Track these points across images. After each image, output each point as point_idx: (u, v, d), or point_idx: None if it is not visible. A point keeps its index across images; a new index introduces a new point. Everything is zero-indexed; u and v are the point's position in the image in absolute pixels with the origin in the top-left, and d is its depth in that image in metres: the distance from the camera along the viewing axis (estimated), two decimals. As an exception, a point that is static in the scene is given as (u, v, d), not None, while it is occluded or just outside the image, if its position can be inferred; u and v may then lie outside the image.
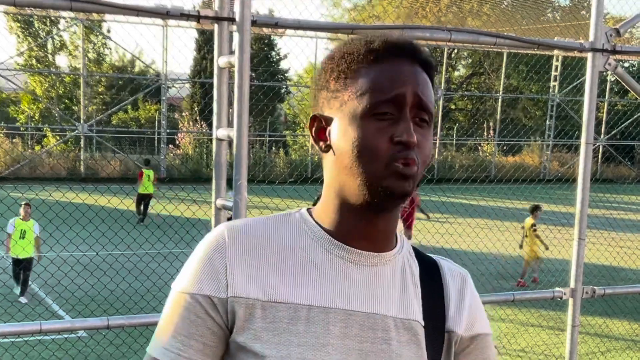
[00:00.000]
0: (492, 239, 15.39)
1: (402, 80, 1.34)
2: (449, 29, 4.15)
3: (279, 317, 1.33)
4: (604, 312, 10.50)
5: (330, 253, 1.39)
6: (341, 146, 1.36)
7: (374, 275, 1.40)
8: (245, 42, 3.44)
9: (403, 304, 1.42)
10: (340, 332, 1.35)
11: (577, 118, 31.96)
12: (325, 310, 1.35)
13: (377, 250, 1.41)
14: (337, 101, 1.37)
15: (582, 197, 4.59)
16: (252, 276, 1.35)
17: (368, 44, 1.37)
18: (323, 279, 1.37)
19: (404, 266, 1.46)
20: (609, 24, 4.38)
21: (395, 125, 1.32)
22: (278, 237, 1.40)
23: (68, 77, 34.69)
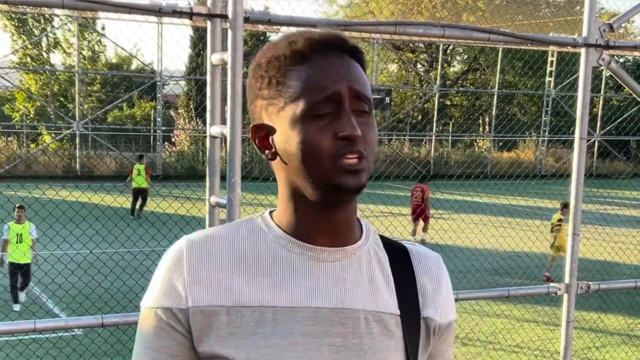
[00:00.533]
0: (487, 234, 15.41)
1: (334, 76, 1.33)
2: (442, 25, 4.15)
3: (245, 322, 1.33)
4: (599, 307, 10.52)
5: (292, 252, 1.38)
6: (287, 151, 1.35)
7: (339, 270, 1.39)
8: (238, 39, 3.44)
9: (372, 296, 1.40)
10: (308, 330, 1.34)
11: (572, 113, 31.93)
12: (291, 310, 1.35)
13: (339, 245, 1.40)
14: (274, 108, 1.36)
15: (576, 192, 4.59)
16: (214, 284, 1.35)
17: (292, 45, 1.36)
18: (287, 279, 1.36)
19: (371, 257, 1.44)
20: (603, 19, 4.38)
21: (337, 122, 1.32)
22: (239, 242, 1.40)
23: (63, 75, 34.62)
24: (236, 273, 1.36)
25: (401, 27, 4.07)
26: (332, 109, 1.32)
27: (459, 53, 44.63)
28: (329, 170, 1.32)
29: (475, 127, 36.73)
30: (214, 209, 3.77)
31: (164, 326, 1.36)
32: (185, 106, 33.36)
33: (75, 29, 29.50)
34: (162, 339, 1.37)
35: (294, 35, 1.38)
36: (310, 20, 4.39)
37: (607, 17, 22.19)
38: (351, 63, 1.36)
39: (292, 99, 1.33)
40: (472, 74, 43.84)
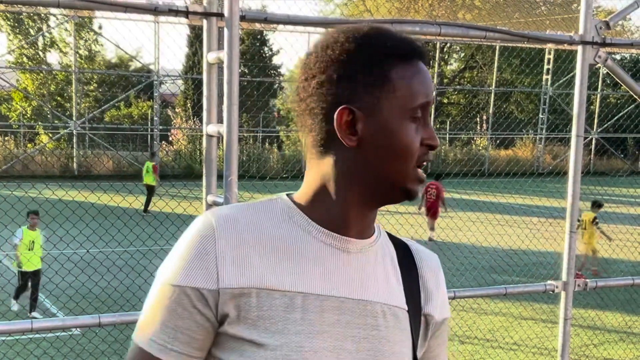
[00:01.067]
0: (485, 232, 15.42)
1: (429, 86, 1.40)
2: (438, 23, 4.15)
3: (275, 306, 1.33)
4: (597, 304, 10.53)
5: (320, 241, 1.39)
6: (376, 142, 1.37)
7: (362, 262, 1.42)
8: (234, 37, 3.43)
9: (388, 290, 1.45)
10: (334, 320, 1.37)
11: (569, 111, 31.97)
12: (319, 297, 1.36)
13: (362, 237, 1.44)
14: (371, 97, 1.37)
15: (573, 190, 4.59)
16: (245, 265, 1.34)
17: (397, 41, 1.39)
18: (315, 266, 1.37)
19: (384, 251, 1.49)
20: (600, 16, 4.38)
21: (424, 129, 1.40)
22: (267, 225, 1.39)
23: (60, 75, 34.58)
24: (266, 256, 1.36)
25: (398, 25, 4.07)
26: (421, 114, 1.39)
27: (456, 51, 44.64)
28: (409, 172, 1.39)
29: (473, 125, 36.76)
30: (211, 207, 3.77)
31: (189, 307, 1.33)
32: (182, 105, 33.34)
33: (72, 28, 29.47)
34: (184, 320, 1.33)
35: (392, 33, 1.41)
36: (306, 18, 4.39)
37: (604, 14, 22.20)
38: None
39: (395, 95, 1.36)
40: (469, 72, 43.86)
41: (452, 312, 10.18)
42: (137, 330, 1.38)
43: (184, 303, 1.33)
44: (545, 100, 34.98)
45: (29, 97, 32.60)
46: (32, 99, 32.65)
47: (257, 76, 34.76)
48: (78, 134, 27.76)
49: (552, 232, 13.80)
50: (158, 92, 29.72)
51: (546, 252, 13.38)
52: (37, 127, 32.32)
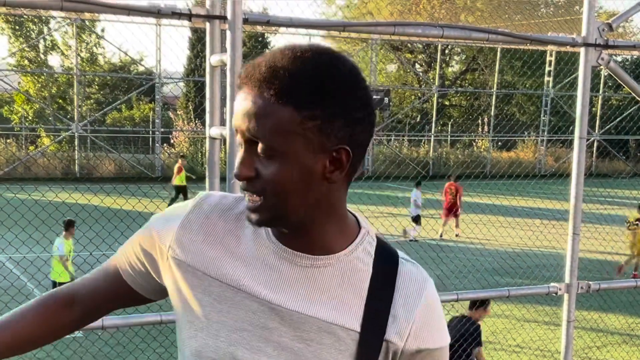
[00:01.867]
0: (487, 234, 15.41)
1: (237, 114, 1.35)
2: (441, 26, 4.16)
3: (209, 292, 1.43)
4: (600, 306, 10.51)
5: (267, 249, 1.44)
6: None
7: (306, 277, 1.42)
8: (237, 40, 3.44)
9: (334, 307, 1.41)
10: (260, 322, 1.40)
11: (571, 113, 31.96)
12: (251, 298, 1.41)
13: (312, 254, 1.42)
14: None
15: (576, 191, 4.59)
16: (199, 245, 1.46)
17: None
18: (259, 269, 1.43)
19: (349, 270, 1.43)
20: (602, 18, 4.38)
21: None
22: (237, 220, 1.48)
23: (61, 77, 34.60)
24: (221, 245, 1.46)
25: (400, 27, 4.07)
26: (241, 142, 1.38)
27: (458, 53, 44.62)
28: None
29: (474, 127, 36.74)
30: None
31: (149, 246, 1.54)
32: (184, 108, 33.34)
33: (74, 30, 29.50)
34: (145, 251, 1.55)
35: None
36: (309, 21, 4.40)
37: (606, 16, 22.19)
38: (251, 97, 1.33)
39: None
40: (471, 74, 43.83)
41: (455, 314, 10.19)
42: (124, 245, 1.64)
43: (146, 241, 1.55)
44: (547, 102, 34.96)
45: (31, 99, 32.62)
46: (34, 101, 32.68)
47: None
48: (80, 136, 27.77)
49: (555, 234, 13.79)
50: (160, 94, 29.73)
51: (549, 254, 13.36)
52: (38, 130, 32.33)
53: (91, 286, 1.65)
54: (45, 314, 1.63)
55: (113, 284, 1.62)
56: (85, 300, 1.64)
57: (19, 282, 10.82)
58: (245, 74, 1.35)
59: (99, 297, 1.64)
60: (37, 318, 1.62)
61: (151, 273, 1.55)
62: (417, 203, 17.40)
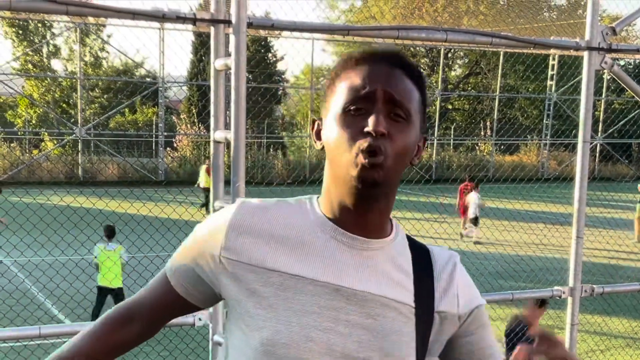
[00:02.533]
0: (491, 238, 15.40)
1: (374, 78, 1.49)
2: (444, 30, 4.16)
3: (270, 283, 1.50)
4: (603, 310, 10.51)
5: (326, 234, 1.53)
6: (326, 142, 1.53)
7: (365, 258, 1.54)
8: (242, 44, 3.45)
9: (391, 286, 1.54)
10: (326, 304, 1.49)
11: (574, 117, 31.93)
12: (314, 282, 1.49)
13: (369, 237, 1.55)
14: (326, 104, 1.56)
15: (579, 195, 4.59)
16: (251, 243, 1.53)
17: (351, 54, 1.55)
18: (316, 255, 1.52)
19: (397, 253, 1.59)
20: (605, 22, 4.39)
21: (367, 119, 1.46)
22: (283, 215, 1.57)
23: (65, 81, 34.66)
24: (273, 240, 1.53)
25: (404, 31, 4.08)
26: (366, 107, 1.47)
27: (460, 57, 44.65)
28: (350, 161, 1.46)
29: (477, 130, 36.75)
30: (218, 213, 3.77)
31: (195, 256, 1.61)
32: (187, 112, 33.38)
33: (78, 35, 29.55)
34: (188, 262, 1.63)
35: (363, 49, 1.55)
36: (313, 25, 4.41)
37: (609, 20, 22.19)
38: (397, 74, 1.51)
39: (337, 97, 1.52)
40: (474, 78, 43.86)
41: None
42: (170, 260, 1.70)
43: (194, 252, 1.61)
44: (549, 106, 34.95)
45: (35, 104, 32.67)
46: (37, 105, 32.73)
47: (261, 82, 34.81)
48: (83, 140, 27.81)
49: (559, 237, 13.78)
50: (163, 98, 29.77)
51: (552, 257, 13.36)
52: (42, 134, 32.39)
53: (146, 301, 1.71)
54: (109, 333, 1.70)
55: (166, 296, 1.69)
56: (143, 315, 1.70)
57: (24, 286, 10.85)
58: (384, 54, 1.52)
59: (154, 311, 1.71)
60: (102, 338, 1.70)
61: (204, 281, 1.62)
62: (476, 204, 17.93)
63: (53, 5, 3.37)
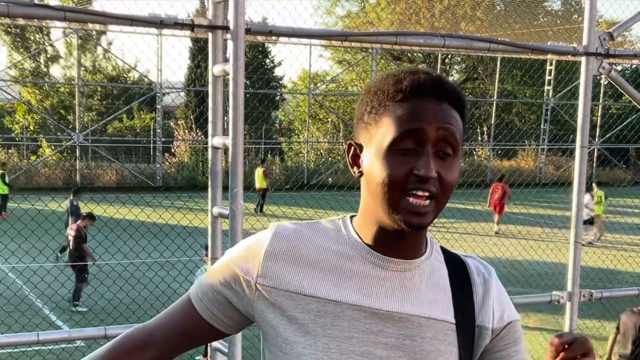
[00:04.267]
0: (489, 243, 15.40)
1: (423, 116, 1.46)
2: (442, 35, 4.17)
3: (308, 309, 1.50)
4: (602, 315, 10.50)
5: (362, 258, 1.53)
6: (369, 175, 1.50)
7: (401, 279, 1.54)
8: (240, 50, 3.45)
9: (429, 304, 1.55)
10: (365, 328, 1.49)
11: (571, 122, 31.98)
12: (351, 307, 1.49)
13: (405, 258, 1.54)
14: (368, 133, 1.52)
15: (577, 200, 4.60)
16: (287, 270, 1.52)
17: (397, 84, 1.50)
18: (352, 280, 1.52)
19: (432, 270, 1.59)
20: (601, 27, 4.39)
21: (416, 159, 1.44)
22: (318, 239, 1.56)
23: (63, 87, 34.65)
24: (309, 265, 1.53)
25: (402, 37, 4.09)
26: (415, 146, 1.45)
27: (458, 62, 44.71)
28: (397, 205, 1.45)
29: (475, 135, 36.78)
30: (216, 219, 3.78)
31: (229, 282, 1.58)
32: (184, 117, 33.39)
33: (76, 41, 29.56)
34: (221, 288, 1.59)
35: (403, 74, 1.52)
36: (311, 31, 4.42)
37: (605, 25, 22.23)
38: (445, 108, 1.48)
39: (383, 130, 1.48)
40: (471, 83, 43.90)
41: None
42: (196, 285, 1.65)
43: (227, 277, 1.58)
44: (546, 110, 35.00)
45: (33, 110, 32.66)
46: (35, 112, 32.72)
47: (259, 88, 34.84)
48: (81, 146, 27.81)
49: (557, 242, 13.79)
50: (161, 104, 29.78)
51: (551, 262, 13.35)
52: (40, 140, 32.37)
53: (166, 326, 1.66)
54: (126, 355, 1.67)
55: (189, 322, 1.64)
56: (162, 341, 1.66)
57: (22, 292, 10.84)
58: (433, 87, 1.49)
59: (174, 337, 1.66)
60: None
61: (235, 307, 1.59)
62: (589, 207, 18.24)
63: (51, 11, 3.38)
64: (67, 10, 3.36)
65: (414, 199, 1.44)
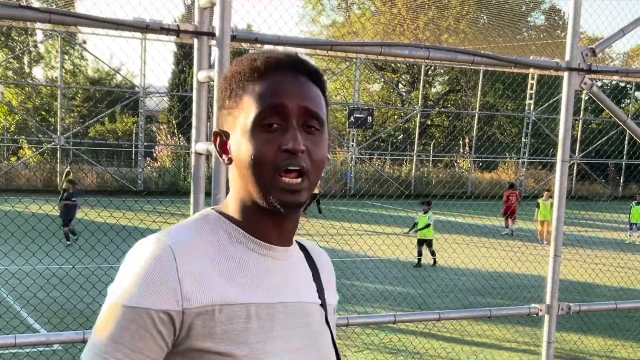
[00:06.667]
0: (469, 254, 15.45)
1: (284, 91, 1.44)
2: (427, 47, 4.20)
3: (236, 318, 1.41)
4: (579, 328, 10.56)
5: (255, 252, 1.50)
6: (238, 158, 1.46)
7: (289, 267, 1.55)
8: (225, 56, 3.46)
9: (309, 289, 1.60)
10: (282, 323, 1.48)
11: (552, 136, 32.22)
12: (268, 305, 1.47)
13: (286, 245, 1.55)
14: (231, 117, 1.49)
15: (558, 214, 4.63)
16: (205, 284, 1.40)
17: (252, 62, 1.49)
18: (258, 278, 1.48)
19: (300, 257, 1.62)
20: (583, 43, 4.42)
21: (283, 135, 1.42)
22: (210, 243, 1.46)
23: (45, 89, 34.49)
24: (222, 273, 1.43)
25: (387, 48, 4.12)
26: (279, 122, 1.43)
27: (441, 74, 44.94)
28: (269, 182, 1.43)
29: (457, 147, 36.97)
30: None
31: (150, 329, 1.35)
32: (167, 122, 33.32)
33: (59, 43, 29.45)
34: (145, 341, 1.35)
35: (256, 54, 1.51)
36: (297, 39, 4.43)
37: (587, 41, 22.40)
38: (305, 82, 1.48)
39: (244, 111, 1.45)
40: (454, 95, 44.14)
41: (437, 333, 10.20)
42: (88, 351, 1.38)
43: (147, 325, 1.34)
44: (528, 124, 35.23)
45: (14, 111, 32.46)
46: (16, 113, 32.52)
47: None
48: (62, 148, 27.68)
49: (537, 255, 13.87)
50: (143, 108, 29.70)
51: (530, 275, 13.43)
52: (20, 141, 32.19)
53: None
54: None
55: None
56: None
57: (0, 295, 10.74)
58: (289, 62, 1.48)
59: None
60: None
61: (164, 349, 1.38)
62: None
63: (37, 13, 3.38)
64: (53, 12, 3.36)
65: (286, 177, 1.41)
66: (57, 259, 10.72)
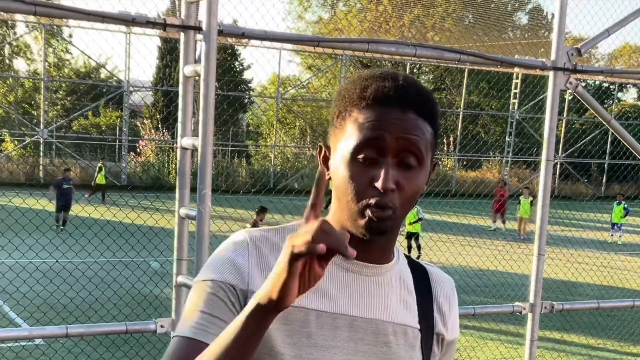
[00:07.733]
0: (454, 252, 15.48)
1: (384, 126, 1.44)
2: (414, 44, 4.19)
3: (292, 320, 1.46)
4: (562, 326, 10.63)
5: (336, 264, 1.52)
6: (334, 180, 1.50)
7: (373, 285, 1.55)
8: (212, 51, 3.44)
9: (399, 311, 1.57)
10: (346, 336, 1.50)
11: (537, 136, 32.35)
12: (332, 315, 1.50)
13: (376, 263, 1.55)
14: (335, 138, 1.52)
15: (541, 213, 4.65)
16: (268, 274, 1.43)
17: (362, 91, 1.49)
18: (330, 287, 1.51)
19: (400, 276, 1.61)
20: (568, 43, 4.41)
21: (376, 170, 1.44)
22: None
23: (28, 82, 34.27)
24: None
25: (374, 44, 4.11)
26: (375, 157, 1.44)
27: (425, 72, 44.99)
28: (357, 212, 1.45)
29: (441, 146, 37.02)
30: (183, 220, 3.77)
31: (222, 296, 1.46)
32: (151, 117, 33.18)
33: (42, 35, 29.26)
34: (220, 307, 1.45)
35: (369, 80, 1.50)
36: (283, 35, 4.42)
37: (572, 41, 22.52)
38: (409, 118, 1.46)
39: (346, 137, 1.48)
40: (438, 94, 44.19)
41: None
42: (177, 327, 1.50)
43: (220, 293, 1.46)
44: (512, 123, 35.35)
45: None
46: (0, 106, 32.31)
47: (228, 90, 34.75)
48: (45, 142, 27.51)
49: (521, 254, 13.92)
50: (127, 102, 29.56)
51: (514, 273, 13.47)
52: (3, 135, 31.97)
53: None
54: None
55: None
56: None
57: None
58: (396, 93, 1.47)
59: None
60: None
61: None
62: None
63: (21, 5, 3.35)
64: (38, 4, 3.33)
65: (372, 210, 1.43)
66: (40, 253, 10.65)
